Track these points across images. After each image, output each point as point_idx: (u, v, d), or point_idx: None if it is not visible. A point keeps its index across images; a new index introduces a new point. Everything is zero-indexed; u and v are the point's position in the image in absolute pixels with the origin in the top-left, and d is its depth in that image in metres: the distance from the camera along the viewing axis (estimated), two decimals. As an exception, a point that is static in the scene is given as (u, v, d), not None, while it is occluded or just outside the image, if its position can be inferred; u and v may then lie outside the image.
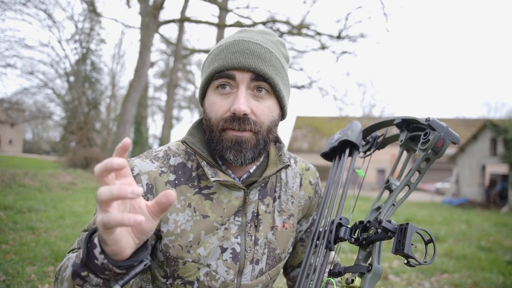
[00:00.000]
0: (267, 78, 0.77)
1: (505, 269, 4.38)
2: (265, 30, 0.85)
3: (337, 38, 14.40)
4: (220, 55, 0.78)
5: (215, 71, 0.77)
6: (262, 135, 0.79)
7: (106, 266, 0.54)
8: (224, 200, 0.84)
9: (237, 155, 0.78)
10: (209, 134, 0.81)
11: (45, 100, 24.34)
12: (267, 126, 0.80)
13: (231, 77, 0.76)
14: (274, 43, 0.83)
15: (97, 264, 0.54)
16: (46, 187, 9.01)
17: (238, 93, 0.76)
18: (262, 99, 0.79)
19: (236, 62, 0.75)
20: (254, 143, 0.78)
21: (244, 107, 0.74)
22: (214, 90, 0.79)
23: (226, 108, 0.77)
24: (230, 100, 0.77)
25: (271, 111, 0.80)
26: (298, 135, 30.87)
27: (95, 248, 0.54)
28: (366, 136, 0.99)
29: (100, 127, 26.63)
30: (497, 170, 18.31)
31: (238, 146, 0.77)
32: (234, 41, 0.79)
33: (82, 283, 0.57)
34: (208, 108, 0.80)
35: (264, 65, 0.77)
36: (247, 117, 0.76)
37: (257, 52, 0.77)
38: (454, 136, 0.73)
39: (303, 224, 1.02)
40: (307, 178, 1.01)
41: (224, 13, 15.16)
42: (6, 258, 3.38)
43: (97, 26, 23.06)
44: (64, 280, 0.62)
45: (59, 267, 0.68)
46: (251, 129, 0.77)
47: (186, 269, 0.81)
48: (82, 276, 0.56)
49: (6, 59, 17.49)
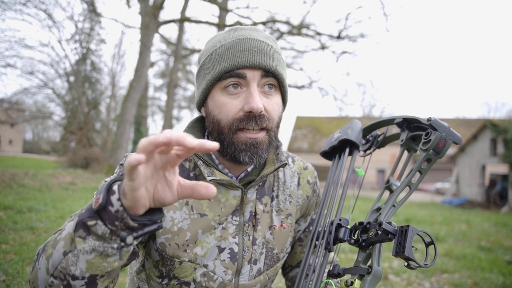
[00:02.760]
0: (277, 74, 0.77)
1: (505, 269, 4.38)
2: (253, 27, 0.85)
3: (337, 38, 14.41)
4: (227, 54, 0.76)
5: (224, 71, 0.75)
6: (274, 132, 0.80)
7: (120, 214, 0.51)
8: (221, 199, 0.83)
9: (252, 157, 0.77)
10: (217, 136, 0.79)
11: (45, 100, 24.40)
12: (276, 122, 0.80)
13: (242, 76, 0.75)
14: (270, 40, 0.83)
15: (111, 211, 0.52)
16: (46, 187, 9.01)
17: (251, 90, 0.75)
18: (271, 96, 0.79)
19: (246, 60, 0.75)
20: (268, 143, 0.79)
21: (260, 104, 0.74)
22: (222, 91, 0.77)
23: (238, 108, 0.76)
24: (241, 100, 0.76)
25: (279, 106, 0.81)
26: (298, 135, 30.87)
27: (113, 194, 0.52)
28: (366, 135, 0.98)
29: (100, 127, 26.66)
30: (497, 170, 18.30)
31: (254, 148, 0.77)
32: (239, 40, 0.77)
33: (85, 235, 0.54)
34: (216, 110, 0.78)
35: (272, 61, 0.77)
36: (262, 114, 0.76)
37: (264, 49, 0.77)
38: (456, 136, 0.72)
39: (301, 224, 1.02)
40: (305, 178, 1.00)
41: (224, 13, 15.15)
42: (6, 258, 3.38)
43: (97, 26, 23.12)
44: (59, 241, 0.58)
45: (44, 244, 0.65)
46: (266, 126, 0.77)
47: (182, 269, 0.80)
48: (88, 225, 0.54)
49: (6, 59, 17.53)
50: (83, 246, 0.55)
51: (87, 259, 0.55)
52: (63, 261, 0.57)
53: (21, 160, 23.57)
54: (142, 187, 0.49)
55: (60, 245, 0.58)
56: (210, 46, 0.81)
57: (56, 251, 0.58)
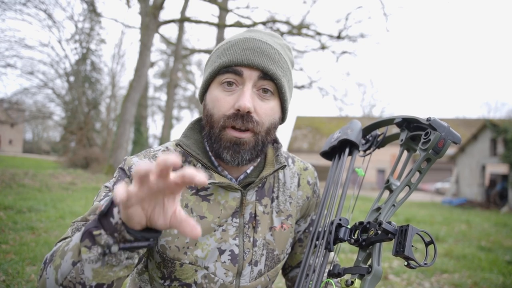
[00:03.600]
0: (275, 78, 0.77)
1: (505, 269, 4.38)
2: (273, 33, 0.85)
3: (337, 38, 14.40)
4: (229, 50, 0.77)
5: (222, 66, 0.76)
6: (262, 136, 0.79)
7: (119, 227, 0.53)
8: (221, 201, 0.83)
9: (234, 156, 0.77)
10: (208, 130, 0.80)
11: (45, 100, 24.41)
12: (267, 127, 0.79)
13: (239, 73, 0.75)
14: (282, 47, 0.83)
15: (111, 222, 0.53)
16: (46, 187, 9.01)
17: (244, 89, 0.75)
18: (267, 100, 0.78)
19: (245, 58, 0.75)
20: (252, 145, 0.78)
21: (249, 104, 0.73)
22: (218, 86, 0.78)
23: (230, 105, 0.76)
24: (235, 97, 0.76)
25: (274, 112, 0.80)
26: (298, 135, 30.87)
27: (115, 207, 0.54)
28: (366, 135, 0.98)
29: (100, 127, 26.67)
30: (497, 170, 18.30)
31: (237, 147, 0.77)
32: (245, 39, 0.78)
33: (91, 244, 0.56)
34: (211, 104, 0.79)
35: (273, 64, 0.76)
36: (250, 115, 0.75)
37: (267, 51, 0.77)
38: (455, 136, 0.73)
39: (301, 225, 1.02)
40: (305, 178, 1.00)
41: (224, 13, 15.16)
42: (6, 258, 3.38)
43: (97, 26, 23.12)
44: (67, 251, 0.60)
45: (51, 253, 0.66)
46: (253, 128, 0.76)
47: (183, 271, 0.80)
48: (94, 235, 0.55)
49: (6, 59, 17.54)
50: (89, 256, 0.56)
51: (93, 267, 0.56)
52: (72, 271, 0.58)
53: (21, 160, 23.56)
54: (135, 206, 0.50)
55: (68, 256, 0.59)
56: (222, 42, 0.83)
57: (65, 261, 0.59)
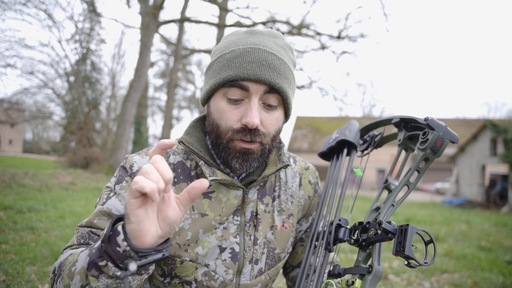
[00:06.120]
0: (281, 91, 0.77)
1: (505, 269, 4.38)
2: (273, 32, 0.83)
3: (337, 38, 14.40)
4: (234, 63, 0.75)
5: (228, 79, 0.75)
6: (268, 144, 0.80)
7: (128, 253, 0.54)
8: (222, 199, 0.84)
9: (243, 164, 0.79)
10: (215, 139, 0.81)
11: (45, 100, 24.40)
12: (272, 135, 0.81)
13: (245, 88, 0.74)
14: (284, 49, 0.81)
15: (119, 251, 0.54)
16: (46, 187, 9.00)
17: (251, 104, 0.75)
18: (272, 111, 0.79)
19: (252, 73, 0.73)
20: (260, 153, 0.80)
21: (257, 120, 0.74)
22: (224, 97, 0.77)
23: (237, 118, 0.76)
24: (241, 110, 0.76)
25: (278, 121, 0.81)
26: (298, 135, 30.87)
27: (118, 235, 0.54)
28: (364, 136, 0.98)
29: (100, 127, 26.67)
30: (497, 170, 18.29)
31: (245, 157, 0.78)
32: (250, 49, 0.76)
33: (98, 274, 0.56)
34: (217, 114, 0.79)
35: (279, 78, 0.76)
36: (257, 129, 0.76)
37: (273, 64, 0.75)
38: (452, 135, 0.73)
39: (303, 224, 1.02)
40: (307, 178, 1.00)
41: (224, 13, 15.15)
42: (6, 258, 3.38)
43: (97, 26, 23.11)
44: (75, 274, 0.61)
45: (59, 263, 0.68)
46: (261, 140, 0.77)
47: (184, 268, 0.81)
48: (100, 266, 0.56)
49: (6, 59, 17.53)
50: (97, 284, 0.58)
51: None
52: None
53: (21, 160, 23.55)
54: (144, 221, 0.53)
55: (76, 279, 0.61)
56: (224, 46, 0.80)
57: (74, 284, 0.61)
